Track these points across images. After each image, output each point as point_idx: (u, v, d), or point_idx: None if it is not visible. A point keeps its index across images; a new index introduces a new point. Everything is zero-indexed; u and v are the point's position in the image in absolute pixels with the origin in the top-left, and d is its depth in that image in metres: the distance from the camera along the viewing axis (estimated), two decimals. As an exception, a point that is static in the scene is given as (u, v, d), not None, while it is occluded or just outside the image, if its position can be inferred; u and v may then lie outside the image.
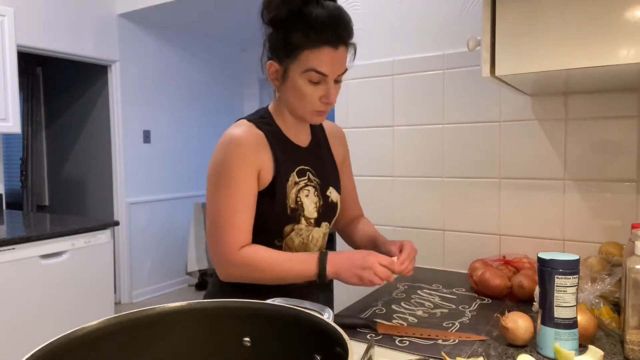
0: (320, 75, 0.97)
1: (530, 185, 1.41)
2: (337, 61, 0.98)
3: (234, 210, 0.98)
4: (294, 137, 1.09)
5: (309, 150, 1.12)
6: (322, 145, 1.17)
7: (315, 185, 1.09)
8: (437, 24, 1.52)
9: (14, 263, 2.07)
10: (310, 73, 0.97)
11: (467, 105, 1.48)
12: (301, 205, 1.05)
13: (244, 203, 0.99)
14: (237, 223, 0.98)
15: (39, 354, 0.48)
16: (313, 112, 1.02)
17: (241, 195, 0.99)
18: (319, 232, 1.10)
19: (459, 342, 0.88)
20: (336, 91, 1.02)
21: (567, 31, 0.85)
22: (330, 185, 1.13)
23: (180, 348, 0.62)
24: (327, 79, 0.98)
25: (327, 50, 0.96)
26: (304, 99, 1.00)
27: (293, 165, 1.06)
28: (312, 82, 0.98)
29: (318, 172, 1.11)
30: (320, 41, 0.95)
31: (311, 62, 0.96)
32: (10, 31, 2.69)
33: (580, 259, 0.81)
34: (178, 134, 4.43)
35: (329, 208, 1.12)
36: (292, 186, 1.04)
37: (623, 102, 1.27)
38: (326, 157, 1.17)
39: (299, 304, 0.67)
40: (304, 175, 1.07)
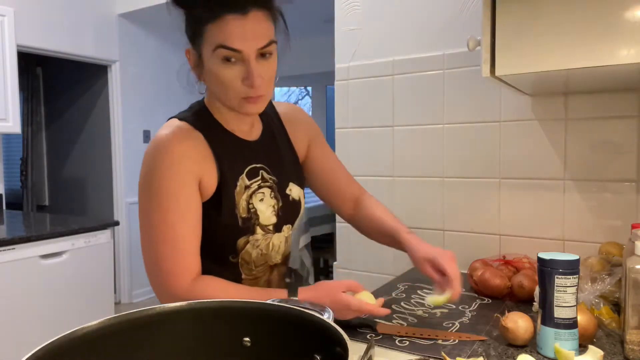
0: (231, 51, 0.79)
1: (530, 185, 1.41)
2: (250, 30, 0.79)
3: (173, 232, 0.82)
4: (238, 131, 0.93)
5: (260, 144, 0.96)
6: (278, 134, 1.01)
7: (271, 185, 0.94)
8: (437, 24, 1.52)
9: (14, 263, 2.07)
10: (219, 51, 0.79)
11: (467, 105, 1.48)
12: (255, 213, 0.90)
13: (184, 221, 0.82)
14: (180, 246, 0.82)
15: (39, 354, 0.48)
16: (239, 99, 0.84)
17: (180, 213, 0.82)
18: (279, 238, 0.96)
19: (459, 342, 0.88)
20: (266, 70, 0.82)
21: (567, 31, 0.85)
22: (291, 181, 0.99)
23: (180, 348, 0.62)
24: (244, 55, 0.80)
25: (232, 19, 0.78)
26: (224, 84, 0.82)
27: (242, 166, 0.91)
28: (226, 61, 0.80)
29: (274, 168, 0.96)
30: (220, 9, 0.78)
31: (216, 37, 0.79)
32: (10, 31, 2.69)
33: (580, 259, 0.81)
34: (178, 134, 4.42)
35: (291, 208, 0.98)
36: (242, 192, 0.89)
37: (623, 102, 1.27)
38: (284, 149, 1.00)
39: (299, 304, 0.67)
40: (256, 176, 0.92)
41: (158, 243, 0.83)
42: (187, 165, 0.84)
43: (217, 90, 0.86)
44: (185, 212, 0.84)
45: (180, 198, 0.83)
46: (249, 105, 0.85)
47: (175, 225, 0.82)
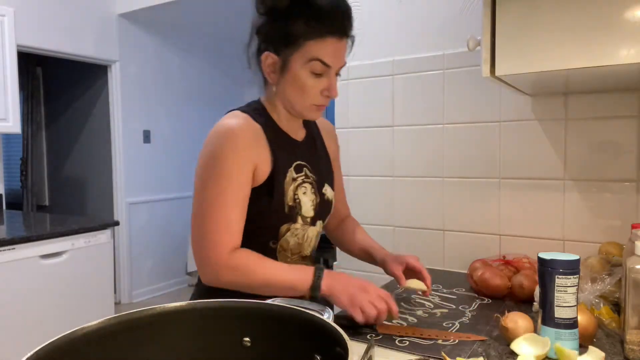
0: (324, 66, 0.93)
1: (530, 185, 1.41)
2: (340, 53, 0.95)
3: (225, 208, 0.91)
4: (289, 131, 1.04)
5: (304, 144, 1.07)
6: (317, 139, 1.13)
7: (311, 182, 1.04)
8: (437, 24, 1.52)
9: (14, 263, 2.07)
10: (313, 63, 0.92)
11: (467, 105, 1.48)
12: (299, 203, 1.00)
13: (236, 201, 0.92)
14: (228, 222, 0.91)
15: (39, 354, 0.48)
16: (312, 106, 0.97)
17: (234, 192, 0.92)
18: (313, 232, 1.06)
19: (459, 342, 0.88)
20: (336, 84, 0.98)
21: (567, 31, 0.85)
22: (326, 182, 1.09)
23: (180, 348, 0.62)
24: (330, 71, 0.94)
25: (331, 41, 0.92)
26: (305, 91, 0.95)
27: (291, 160, 1.01)
28: (314, 73, 0.93)
29: (314, 168, 1.06)
30: (325, 31, 0.91)
31: (315, 52, 0.92)
32: (10, 31, 2.69)
33: (580, 259, 0.81)
34: (178, 134, 4.43)
35: (325, 206, 1.07)
36: (290, 183, 0.99)
37: (623, 102, 1.27)
38: (321, 152, 1.12)
39: (299, 304, 0.67)
40: (300, 171, 1.02)
41: (209, 218, 0.91)
42: (247, 153, 0.93)
43: (294, 95, 0.97)
44: (238, 195, 0.92)
45: (236, 181, 0.92)
46: (317, 112, 1.00)
47: (228, 204, 0.91)
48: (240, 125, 0.94)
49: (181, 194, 4.45)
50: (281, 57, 0.94)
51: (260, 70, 0.99)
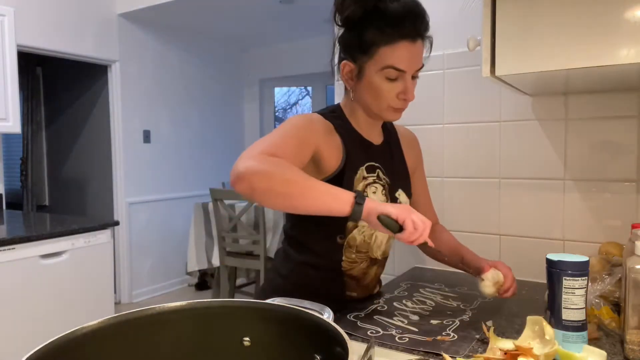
0: (398, 71, 0.95)
1: (530, 185, 1.41)
2: (415, 56, 0.95)
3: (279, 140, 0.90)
4: (365, 134, 1.07)
5: (380, 148, 1.09)
6: (394, 146, 1.15)
7: (384, 184, 1.05)
8: (437, 24, 1.52)
9: (14, 263, 2.07)
10: (387, 70, 0.95)
11: (467, 105, 1.48)
12: None
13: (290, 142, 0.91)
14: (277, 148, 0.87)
15: (39, 354, 0.48)
16: (389, 108, 1.00)
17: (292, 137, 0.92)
18: (383, 235, 1.06)
19: (458, 339, 0.89)
20: (413, 87, 0.99)
21: (567, 31, 0.85)
22: (400, 188, 1.10)
23: (181, 348, 0.62)
24: (405, 75, 0.96)
25: (404, 45, 0.93)
26: (381, 96, 0.98)
27: (363, 160, 1.03)
28: (389, 79, 0.96)
29: (388, 171, 1.08)
30: (397, 36, 0.93)
31: (388, 58, 0.94)
32: (10, 31, 2.69)
33: (589, 260, 0.81)
34: (178, 134, 4.43)
35: None
36: (360, 180, 1.01)
37: (623, 102, 1.27)
38: (398, 158, 1.14)
39: (299, 304, 0.67)
40: (373, 172, 1.04)
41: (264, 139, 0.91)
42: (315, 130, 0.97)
43: (370, 99, 1.00)
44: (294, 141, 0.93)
45: (298, 134, 0.94)
46: (395, 114, 1.02)
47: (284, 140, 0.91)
48: (313, 115, 1.01)
49: (181, 194, 4.45)
50: (357, 65, 0.98)
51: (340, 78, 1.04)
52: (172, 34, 4.31)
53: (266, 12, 3.83)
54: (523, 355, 0.71)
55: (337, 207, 0.82)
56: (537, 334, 0.76)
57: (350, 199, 0.82)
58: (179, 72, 4.41)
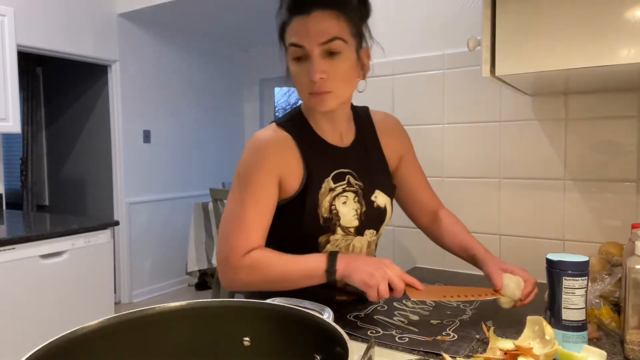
0: (298, 47, 0.89)
1: (530, 185, 1.41)
2: (312, 28, 0.87)
3: (244, 213, 0.92)
4: (329, 137, 1.01)
5: (350, 150, 1.03)
6: (370, 143, 1.07)
7: (356, 190, 1.00)
8: (437, 24, 1.52)
9: (14, 263, 2.07)
10: (290, 51, 0.91)
11: (467, 105, 1.48)
12: (336, 214, 0.97)
13: (256, 207, 0.93)
14: (245, 227, 0.92)
15: (39, 354, 0.48)
16: (307, 95, 0.93)
17: (255, 198, 0.93)
18: (361, 241, 1.02)
19: (458, 339, 0.89)
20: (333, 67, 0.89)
21: (567, 31, 0.85)
22: (378, 189, 1.04)
23: (180, 348, 0.62)
24: (308, 53, 0.89)
25: (297, 20, 0.89)
26: (296, 81, 0.93)
27: (328, 170, 0.99)
28: (295, 59, 0.91)
29: (361, 175, 1.02)
30: (290, 14, 0.90)
31: (289, 37, 0.90)
32: (10, 31, 2.69)
33: (589, 260, 0.81)
34: (178, 134, 4.43)
35: (374, 214, 1.03)
36: (326, 194, 0.97)
37: (623, 102, 1.27)
38: (374, 157, 1.07)
39: (299, 303, 0.67)
40: (342, 180, 0.99)
41: (231, 220, 0.94)
42: (271, 165, 0.94)
43: (296, 89, 0.95)
44: (259, 201, 0.94)
45: (258, 189, 0.93)
46: (314, 101, 0.92)
47: (248, 209, 0.93)
48: (268, 137, 0.96)
49: (181, 194, 4.45)
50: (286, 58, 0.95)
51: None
52: (172, 34, 4.31)
53: (266, 11, 3.83)
54: (523, 355, 0.71)
55: (317, 282, 0.90)
56: (537, 334, 0.76)
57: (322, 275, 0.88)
58: (179, 72, 4.41)
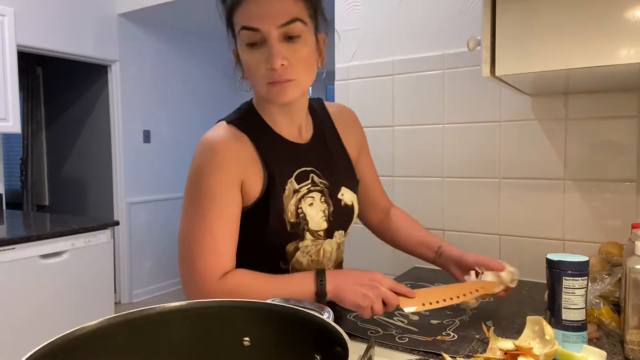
0: (252, 31, 0.79)
1: (530, 185, 1.41)
2: (269, 8, 0.78)
3: (210, 232, 0.81)
4: (287, 133, 0.92)
5: (310, 146, 0.94)
6: (330, 137, 0.99)
7: (321, 189, 0.92)
8: (437, 24, 1.52)
9: (14, 263, 2.07)
10: (242, 34, 0.80)
11: (467, 105, 1.48)
12: (304, 218, 0.89)
13: (222, 222, 0.82)
14: (215, 247, 0.82)
15: (39, 354, 0.48)
16: (265, 86, 0.82)
17: (219, 213, 0.82)
18: (331, 244, 0.95)
19: (458, 339, 0.88)
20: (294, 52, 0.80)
21: (567, 31, 0.85)
22: (343, 186, 0.96)
23: (180, 348, 0.62)
24: (265, 36, 0.79)
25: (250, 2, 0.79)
26: (251, 71, 0.82)
27: (290, 169, 0.89)
28: (249, 45, 0.80)
29: (325, 172, 0.94)
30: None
31: (240, 20, 0.80)
32: (10, 31, 2.69)
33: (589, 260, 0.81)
34: (178, 134, 4.43)
35: (343, 213, 0.96)
36: (291, 196, 0.88)
37: (623, 102, 1.27)
38: (335, 151, 0.99)
39: (299, 303, 0.67)
40: (306, 179, 0.90)
41: (194, 241, 0.83)
42: (231, 169, 0.83)
43: (250, 81, 0.85)
44: (224, 214, 0.83)
45: (220, 200, 0.83)
46: (274, 91, 0.82)
47: (213, 225, 0.82)
48: (223, 139, 0.85)
49: (181, 194, 4.43)
50: (235, 45, 0.86)
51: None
52: (172, 34, 4.31)
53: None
54: (523, 355, 0.71)
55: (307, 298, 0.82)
56: (537, 334, 0.76)
57: (312, 298, 0.81)
58: (179, 72, 4.41)
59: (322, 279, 0.82)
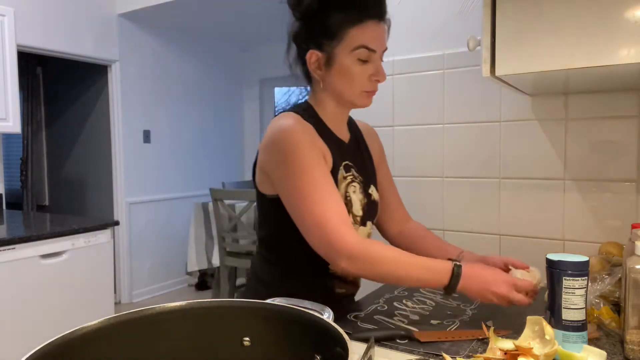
0: (369, 51, 0.95)
1: (530, 185, 1.41)
2: (382, 36, 0.97)
3: (328, 196, 0.90)
4: (337, 131, 1.06)
5: (350, 146, 1.09)
6: (361, 141, 1.15)
7: (359, 182, 1.05)
8: (437, 24, 1.52)
9: (14, 263, 2.07)
10: (359, 51, 0.94)
11: (467, 105, 1.48)
12: (350, 201, 1.01)
13: (333, 187, 0.92)
14: (338, 209, 0.91)
15: (39, 354, 0.48)
16: (362, 93, 0.99)
17: (326, 180, 0.92)
18: (364, 231, 1.06)
19: (458, 340, 0.88)
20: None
21: (567, 31, 0.85)
22: (371, 184, 1.11)
23: (180, 348, 0.62)
24: (375, 56, 0.96)
25: (372, 24, 0.94)
26: (353, 80, 0.97)
27: (341, 160, 1.02)
28: (360, 60, 0.95)
29: (359, 169, 1.07)
30: (365, 16, 0.94)
31: (359, 39, 0.94)
32: (10, 31, 2.69)
33: (589, 260, 0.81)
34: (178, 134, 4.43)
35: (372, 206, 1.09)
36: (342, 180, 1.01)
37: (623, 102, 1.27)
38: (365, 154, 1.14)
39: (299, 303, 0.67)
40: (349, 171, 1.04)
41: (316, 208, 0.90)
42: (317, 144, 0.96)
43: (343, 85, 0.98)
44: (327, 178, 0.93)
45: (320, 168, 0.93)
46: (368, 99, 1.01)
47: (324, 190, 0.91)
48: (300, 123, 0.96)
49: (181, 194, 4.45)
50: (325, 52, 0.97)
51: (304, 72, 1.03)
52: (172, 34, 4.31)
53: (266, 11, 3.83)
54: (523, 355, 0.71)
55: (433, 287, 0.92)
56: (537, 334, 0.76)
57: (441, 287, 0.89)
58: (179, 72, 4.41)
59: (458, 274, 0.88)
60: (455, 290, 0.88)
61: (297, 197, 0.91)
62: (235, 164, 5.12)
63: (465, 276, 0.88)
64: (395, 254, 0.90)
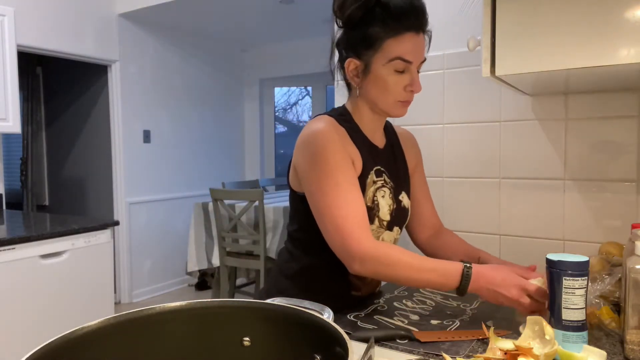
0: (405, 62, 0.96)
1: (530, 185, 1.41)
2: (420, 48, 0.98)
3: (350, 200, 0.94)
4: (371, 136, 1.08)
5: (384, 151, 1.11)
6: (396, 147, 1.16)
7: (389, 187, 1.07)
8: (437, 24, 1.52)
9: (14, 263, 2.07)
10: (395, 62, 0.96)
11: (467, 105, 1.48)
12: (377, 205, 1.03)
13: (355, 191, 0.96)
14: (356, 212, 0.94)
15: (39, 354, 0.48)
16: (397, 103, 1.01)
17: (349, 183, 0.95)
18: (390, 236, 1.08)
19: (458, 339, 0.88)
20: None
21: (567, 31, 0.85)
22: (403, 190, 1.12)
23: (180, 348, 0.62)
24: (411, 67, 0.98)
25: (409, 37, 0.96)
26: (388, 89, 0.99)
27: (372, 164, 1.05)
28: (396, 71, 0.97)
29: (392, 175, 1.10)
30: (402, 28, 0.95)
31: (395, 50, 0.96)
32: (10, 31, 2.69)
33: (589, 260, 0.80)
34: (178, 134, 4.43)
35: (401, 213, 1.10)
36: (371, 184, 1.03)
37: (623, 102, 1.27)
38: (399, 160, 1.15)
39: (299, 303, 0.67)
40: (380, 176, 1.06)
41: (335, 209, 0.93)
42: (347, 148, 0.99)
43: (378, 94, 1.01)
44: (352, 182, 0.96)
45: (346, 171, 0.96)
46: (402, 109, 1.03)
47: (347, 192, 0.94)
48: (332, 126, 0.99)
49: (181, 194, 4.45)
50: (363, 61, 0.99)
51: (344, 78, 1.05)
52: (172, 34, 4.31)
53: (266, 12, 3.83)
54: (523, 355, 0.71)
55: (444, 289, 0.94)
56: (537, 334, 0.76)
57: (452, 289, 0.91)
58: (179, 72, 4.41)
59: (468, 275, 0.90)
60: (466, 292, 0.90)
61: (319, 197, 0.95)
62: (235, 164, 5.12)
63: (475, 278, 0.90)
64: (406, 257, 0.92)
